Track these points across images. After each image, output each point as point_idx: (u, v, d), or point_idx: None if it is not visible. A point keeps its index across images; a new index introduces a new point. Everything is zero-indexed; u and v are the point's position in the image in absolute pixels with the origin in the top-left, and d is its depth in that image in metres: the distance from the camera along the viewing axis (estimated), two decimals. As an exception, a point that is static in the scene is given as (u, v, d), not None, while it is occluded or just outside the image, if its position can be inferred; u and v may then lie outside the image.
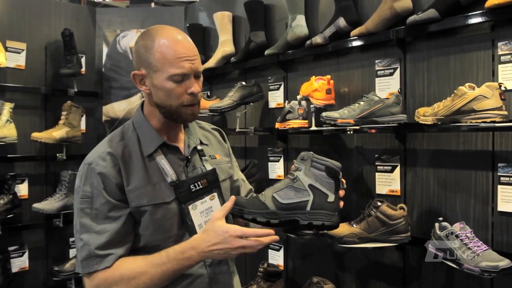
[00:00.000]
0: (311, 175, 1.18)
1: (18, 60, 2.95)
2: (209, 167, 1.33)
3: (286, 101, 2.39)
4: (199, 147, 1.35)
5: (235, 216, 1.21)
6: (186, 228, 1.24)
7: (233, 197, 1.18)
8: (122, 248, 1.18)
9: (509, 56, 1.62)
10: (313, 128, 2.18)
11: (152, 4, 3.70)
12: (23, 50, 2.97)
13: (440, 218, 1.70)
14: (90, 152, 1.25)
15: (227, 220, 1.22)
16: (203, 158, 1.34)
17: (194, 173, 1.30)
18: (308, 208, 1.15)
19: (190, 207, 1.25)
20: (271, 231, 1.13)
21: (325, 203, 1.16)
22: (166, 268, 1.14)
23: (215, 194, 1.31)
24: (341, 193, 1.20)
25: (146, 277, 1.14)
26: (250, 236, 1.11)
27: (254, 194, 1.25)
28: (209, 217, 1.27)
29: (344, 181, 1.21)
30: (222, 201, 1.31)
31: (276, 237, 1.13)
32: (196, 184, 1.26)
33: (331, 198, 1.17)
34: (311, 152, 1.20)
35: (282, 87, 2.55)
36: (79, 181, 1.21)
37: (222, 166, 1.40)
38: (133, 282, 1.14)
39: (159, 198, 1.22)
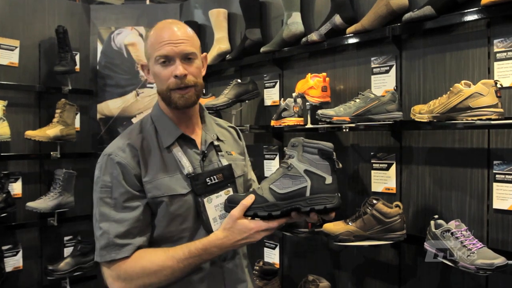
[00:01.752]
0: (304, 160, 1.16)
1: (11, 58, 2.92)
2: (225, 162, 1.35)
3: (282, 99, 2.38)
4: (215, 143, 1.37)
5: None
6: (201, 221, 1.26)
7: (252, 195, 1.19)
8: (140, 238, 1.19)
9: (505, 54, 1.62)
10: (309, 125, 2.17)
11: (147, 1, 3.68)
12: (16, 47, 2.94)
13: (436, 216, 1.69)
14: (109, 145, 1.28)
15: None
16: (219, 153, 1.36)
17: (210, 167, 1.32)
18: (308, 193, 1.14)
19: (205, 200, 1.26)
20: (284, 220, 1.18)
21: (323, 185, 1.15)
22: (188, 263, 1.17)
23: (230, 189, 1.33)
24: None
25: (168, 271, 1.16)
26: (274, 227, 1.16)
27: (251, 189, 1.25)
28: (224, 211, 1.29)
29: (339, 162, 1.19)
30: None
31: None
32: (212, 177, 1.28)
33: (329, 180, 1.15)
34: (301, 138, 1.19)
35: (277, 85, 2.54)
36: (98, 172, 1.23)
37: (238, 163, 1.42)
38: (154, 275, 1.16)
39: (175, 190, 1.23)
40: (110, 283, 1.19)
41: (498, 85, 1.53)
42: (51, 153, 2.95)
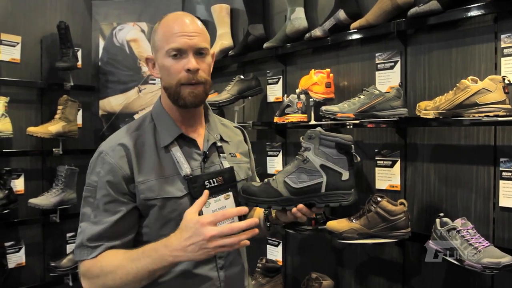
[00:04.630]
0: (321, 154, 1.13)
1: (13, 54, 2.91)
2: (227, 164, 1.27)
3: (285, 95, 2.36)
4: (218, 143, 1.30)
5: (248, 205, 1.17)
6: None
7: (206, 192, 1.13)
8: (113, 242, 1.15)
9: (512, 49, 1.59)
10: (312, 122, 2.15)
11: (149, -3, 3.65)
12: (18, 43, 2.92)
13: (441, 214, 1.67)
14: (105, 140, 1.24)
15: (245, 218, 1.16)
16: (221, 155, 1.29)
17: (211, 169, 1.25)
18: (323, 190, 1.12)
19: None
20: (253, 221, 1.06)
21: (339, 182, 1.12)
22: (141, 265, 1.07)
23: (231, 193, 1.22)
24: None
25: (122, 271, 1.09)
26: (223, 218, 1.04)
27: (266, 180, 1.20)
28: None
29: (357, 155, 1.16)
30: (237, 201, 1.22)
31: (256, 231, 1.06)
32: (211, 180, 1.19)
33: (345, 175, 1.13)
34: (318, 129, 1.14)
35: (281, 81, 2.52)
36: (88, 169, 1.22)
37: (242, 165, 1.35)
38: (110, 276, 1.10)
39: (170, 192, 1.17)
40: (81, 279, 1.18)
41: (506, 81, 1.51)
42: (53, 149, 2.95)
